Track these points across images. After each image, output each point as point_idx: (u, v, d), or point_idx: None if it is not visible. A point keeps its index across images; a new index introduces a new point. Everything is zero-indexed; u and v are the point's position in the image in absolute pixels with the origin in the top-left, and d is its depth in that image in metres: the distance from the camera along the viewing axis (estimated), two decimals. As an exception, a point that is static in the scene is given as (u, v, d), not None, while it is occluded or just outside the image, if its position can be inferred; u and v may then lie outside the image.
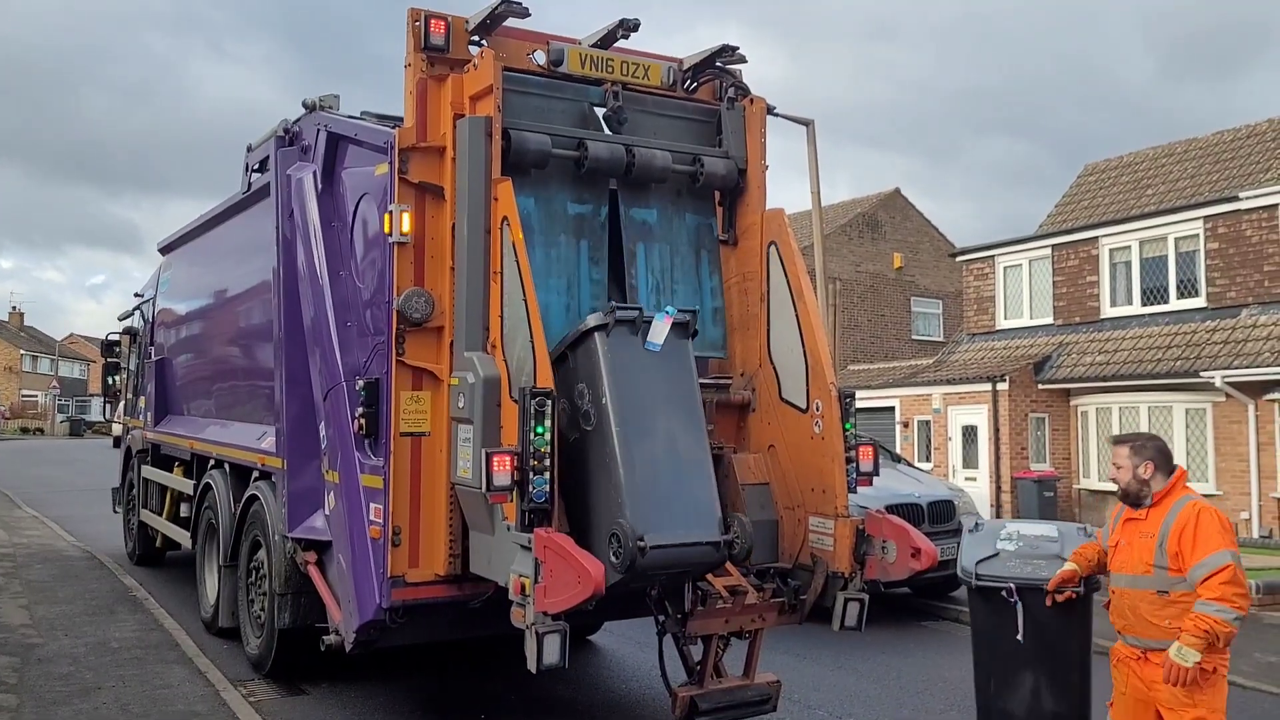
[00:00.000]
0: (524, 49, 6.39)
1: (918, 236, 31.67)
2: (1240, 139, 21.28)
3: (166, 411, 11.33)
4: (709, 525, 5.41)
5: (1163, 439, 5.08)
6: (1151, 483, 4.83)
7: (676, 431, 5.53)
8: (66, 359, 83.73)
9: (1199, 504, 4.72)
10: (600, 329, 5.49)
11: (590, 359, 5.50)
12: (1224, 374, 16.44)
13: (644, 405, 5.47)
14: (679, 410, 5.61)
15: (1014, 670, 5.97)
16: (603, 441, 5.35)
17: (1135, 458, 4.84)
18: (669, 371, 5.62)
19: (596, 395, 5.42)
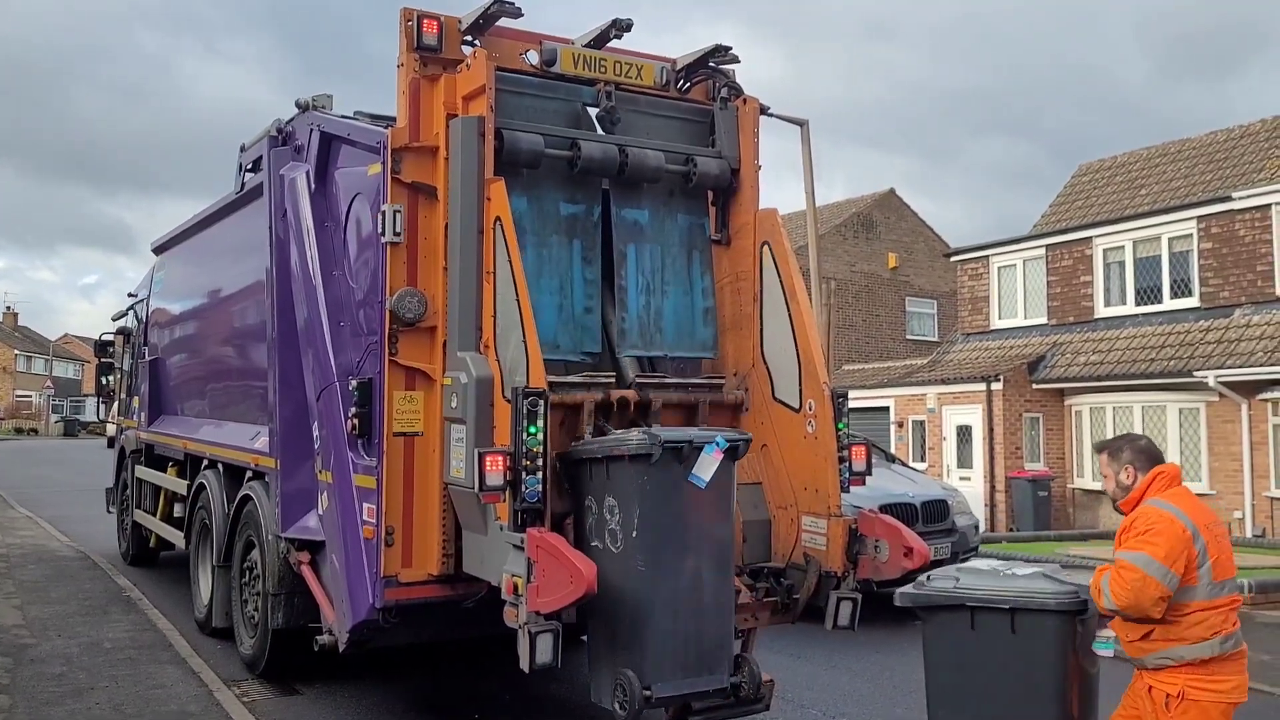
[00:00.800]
0: (517, 49, 6.39)
1: (912, 236, 31.71)
2: (1234, 139, 21.33)
3: (160, 412, 11.32)
4: (719, 671, 5.29)
5: (1144, 438, 4.74)
6: (1135, 486, 4.54)
7: (704, 569, 5.27)
8: (61, 359, 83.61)
9: (1145, 508, 4.34)
10: (644, 457, 5.13)
11: (627, 484, 5.17)
12: (1217, 374, 16.48)
13: (676, 541, 5.19)
14: (711, 545, 5.32)
15: None
16: (625, 573, 5.11)
17: (1114, 463, 4.59)
18: (709, 500, 5.26)
19: (627, 523, 5.13)
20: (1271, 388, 16.22)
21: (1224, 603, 4.21)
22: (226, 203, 9.06)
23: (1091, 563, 12.96)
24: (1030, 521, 18.00)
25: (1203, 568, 4.17)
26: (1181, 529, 4.17)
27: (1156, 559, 4.10)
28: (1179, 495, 4.37)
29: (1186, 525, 4.19)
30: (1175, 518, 4.20)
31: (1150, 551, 4.12)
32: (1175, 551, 4.11)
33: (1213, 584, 4.18)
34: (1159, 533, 4.16)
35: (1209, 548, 4.21)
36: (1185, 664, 4.15)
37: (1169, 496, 4.34)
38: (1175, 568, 4.10)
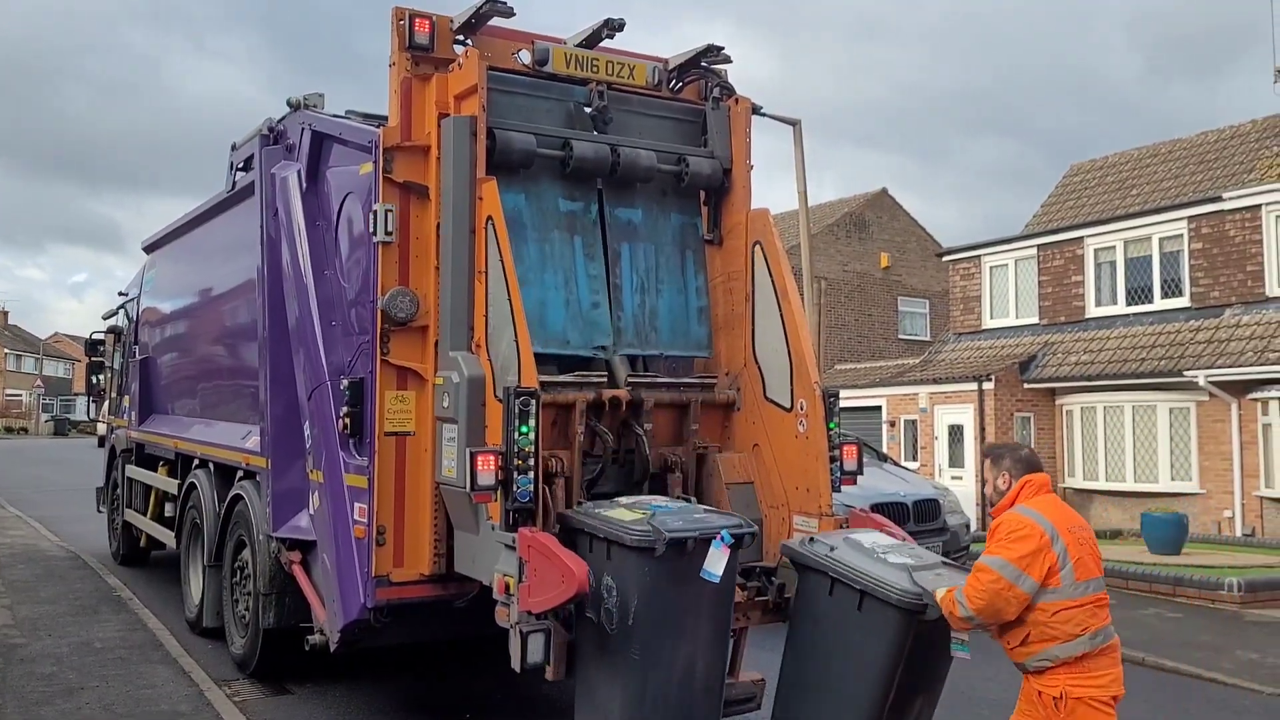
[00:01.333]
0: (509, 48, 6.39)
1: (905, 236, 31.76)
2: (1224, 139, 21.42)
3: (151, 411, 11.29)
4: None
5: (1027, 448, 4.84)
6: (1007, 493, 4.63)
7: (698, 655, 5.11)
8: (51, 358, 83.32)
9: (1008, 514, 4.47)
10: (646, 551, 4.86)
11: (627, 571, 4.93)
12: (1207, 373, 16.55)
13: (672, 627, 5.01)
14: (708, 627, 5.14)
15: None
16: (615, 657, 4.96)
17: (994, 469, 4.68)
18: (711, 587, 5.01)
19: (624, 608, 4.91)
20: (1261, 387, 16.29)
21: (1089, 600, 4.32)
22: (218, 201, 9.03)
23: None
24: (1021, 521, 18.01)
25: (1065, 569, 4.29)
26: (1040, 533, 4.30)
27: (1011, 561, 4.28)
28: (1043, 502, 4.49)
29: (1046, 530, 4.31)
30: (1035, 522, 4.33)
31: (1006, 555, 4.29)
32: (1031, 555, 4.26)
33: (1075, 584, 4.30)
34: (1019, 538, 4.30)
35: (1070, 549, 4.32)
36: (1061, 663, 4.27)
37: (1033, 503, 4.47)
38: (1031, 571, 4.25)
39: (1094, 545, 4.50)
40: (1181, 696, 8.06)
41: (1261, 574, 12.15)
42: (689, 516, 5.17)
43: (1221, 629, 10.23)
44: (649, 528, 4.89)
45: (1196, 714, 7.63)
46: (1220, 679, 8.39)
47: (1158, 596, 11.83)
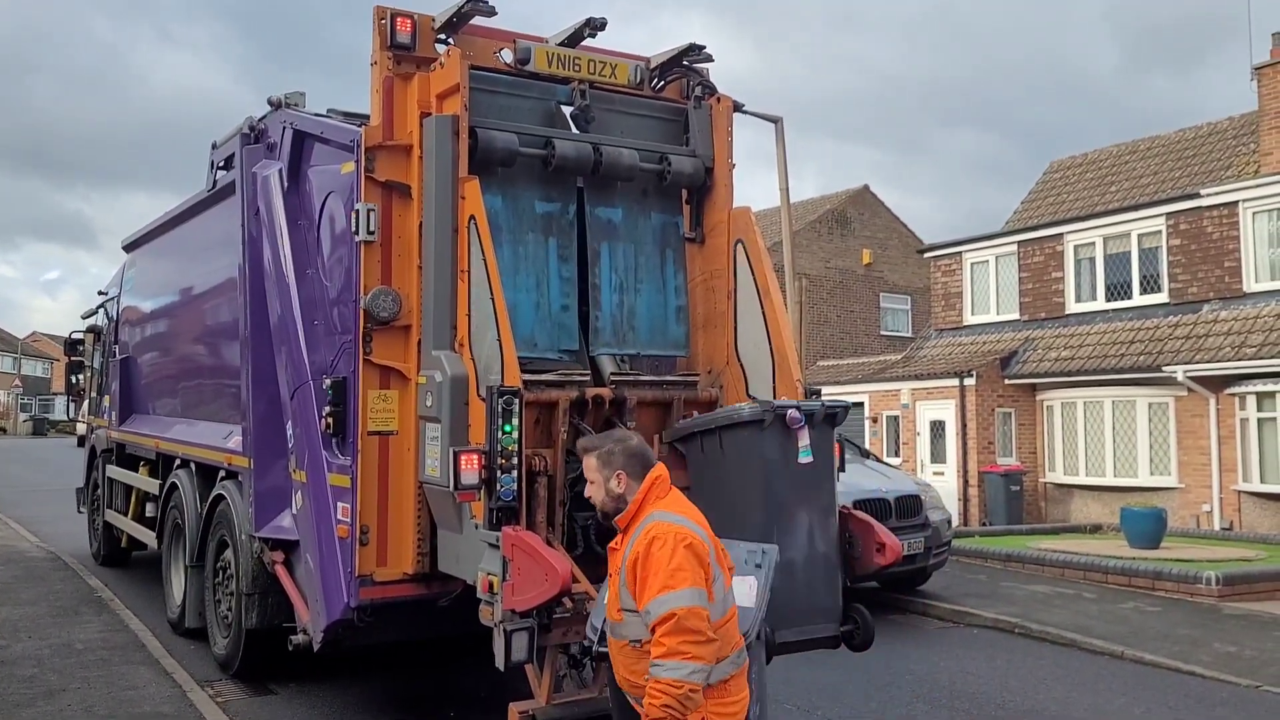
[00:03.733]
0: (491, 47, 6.39)
1: (886, 233, 31.87)
2: (1202, 136, 21.58)
3: (132, 410, 11.23)
4: (831, 621, 5.63)
5: (635, 438, 4.07)
6: (627, 497, 3.89)
7: (815, 528, 5.61)
8: (29, 357, 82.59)
9: (656, 527, 3.68)
10: (757, 423, 5.54)
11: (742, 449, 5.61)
12: (1186, 369, 16.70)
13: (791, 502, 5.55)
14: (819, 508, 5.67)
15: None
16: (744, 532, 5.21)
17: (605, 469, 3.93)
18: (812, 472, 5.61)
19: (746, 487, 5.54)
20: (1239, 382, 16.45)
21: (732, 613, 3.84)
22: (198, 200, 8.99)
23: (1062, 556, 13.12)
24: (1003, 515, 18.17)
25: (717, 581, 3.70)
26: (700, 542, 3.67)
27: (695, 587, 3.56)
28: (679, 502, 3.88)
29: (702, 537, 3.70)
30: (690, 531, 3.67)
31: (690, 583, 3.55)
32: (697, 569, 3.60)
33: (724, 596, 3.77)
34: (684, 557, 3.58)
35: (718, 557, 3.79)
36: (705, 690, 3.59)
37: (671, 505, 3.82)
38: (704, 586, 3.60)
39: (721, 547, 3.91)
40: (1160, 689, 8.14)
41: (1239, 567, 12.27)
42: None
43: (1200, 622, 10.33)
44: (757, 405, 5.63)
45: (1175, 707, 7.71)
46: (1199, 672, 8.48)
47: (1137, 590, 11.93)
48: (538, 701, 5.54)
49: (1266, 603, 11.25)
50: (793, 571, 5.40)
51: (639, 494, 3.83)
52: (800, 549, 5.52)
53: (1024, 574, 13.14)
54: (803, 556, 5.52)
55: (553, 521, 5.81)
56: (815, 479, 5.66)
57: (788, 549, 5.33)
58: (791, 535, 5.48)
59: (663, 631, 3.51)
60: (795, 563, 5.45)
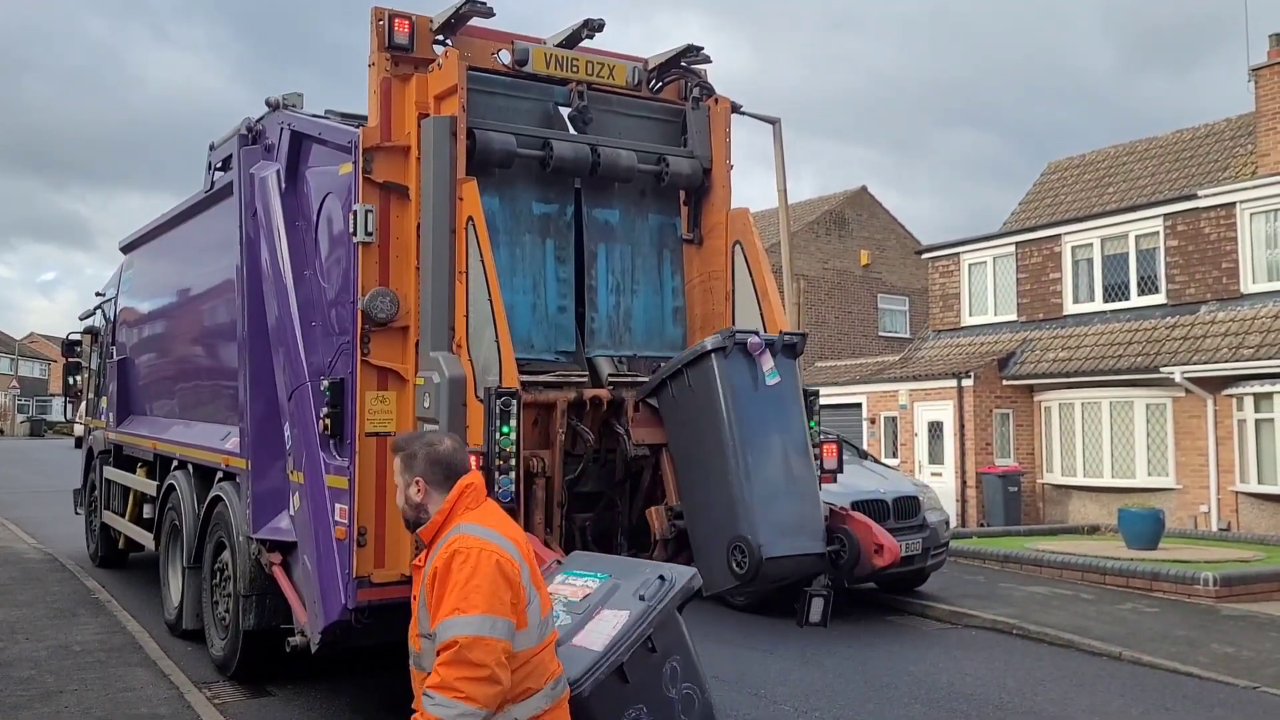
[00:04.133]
0: (489, 48, 6.39)
1: (884, 234, 31.89)
2: (1199, 138, 21.60)
3: (129, 412, 11.22)
4: (817, 539, 5.67)
5: (448, 441, 3.61)
6: (429, 507, 3.46)
7: (790, 452, 5.72)
8: (26, 358, 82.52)
9: (460, 540, 3.25)
10: (719, 350, 5.70)
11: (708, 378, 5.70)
12: (1183, 369, 16.71)
13: (762, 426, 5.67)
14: (791, 431, 5.80)
15: None
16: (722, 458, 5.45)
17: (405, 474, 3.52)
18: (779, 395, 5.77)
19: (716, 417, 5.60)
20: (1236, 383, 16.46)
21: (550, 639, 3.45)
22: (196, 201, 8.99)
23: (1059, 557, 13.13)
24: (1001, 516, 18.18)
25: (532, 605, 3.32)
26: (509, 561, 3.24)
27: (491, 614, 3.13)
28: (493, 514, 3.47)
29: (513, 555, 3.28)
30: (499, 548, 3.25)
31: (484, 608, 3.13)
32: (502, 592, 3.17)
33: (541, 621, 3.37)
34: (483, 574, 3.15)
35: (534, 578, 3.39)
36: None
37: (484, 517, 3.40)
38: (507, 613, 3.18)
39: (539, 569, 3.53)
40: (1158, 690, 8.14)
41: (1237, 568, 12.27)
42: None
43: (1198, 623, 10.34)
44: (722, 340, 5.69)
45: (1173, 708, 7.71)
46: (1197, 673, 8.48)
47: (1134, 591, 11.94)
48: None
49: (1264, 603, 11.26)
50: (773, 492, 5.53)
51: (446, 504, 3.40)
52: (777, 469, 5.63)
53: (1022, 575, 13.15)
54: (781, 477, 5.64)
55: (550, 523, 5.81)
56: (783, 402, 5.78)
57: (765, 469, 5.50)
58: (766, 456, 5.61)
59: (441, 660, 3.09)
60: (775, 482, 5.58)
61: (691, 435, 5.75)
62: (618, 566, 4.82)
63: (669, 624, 4.39)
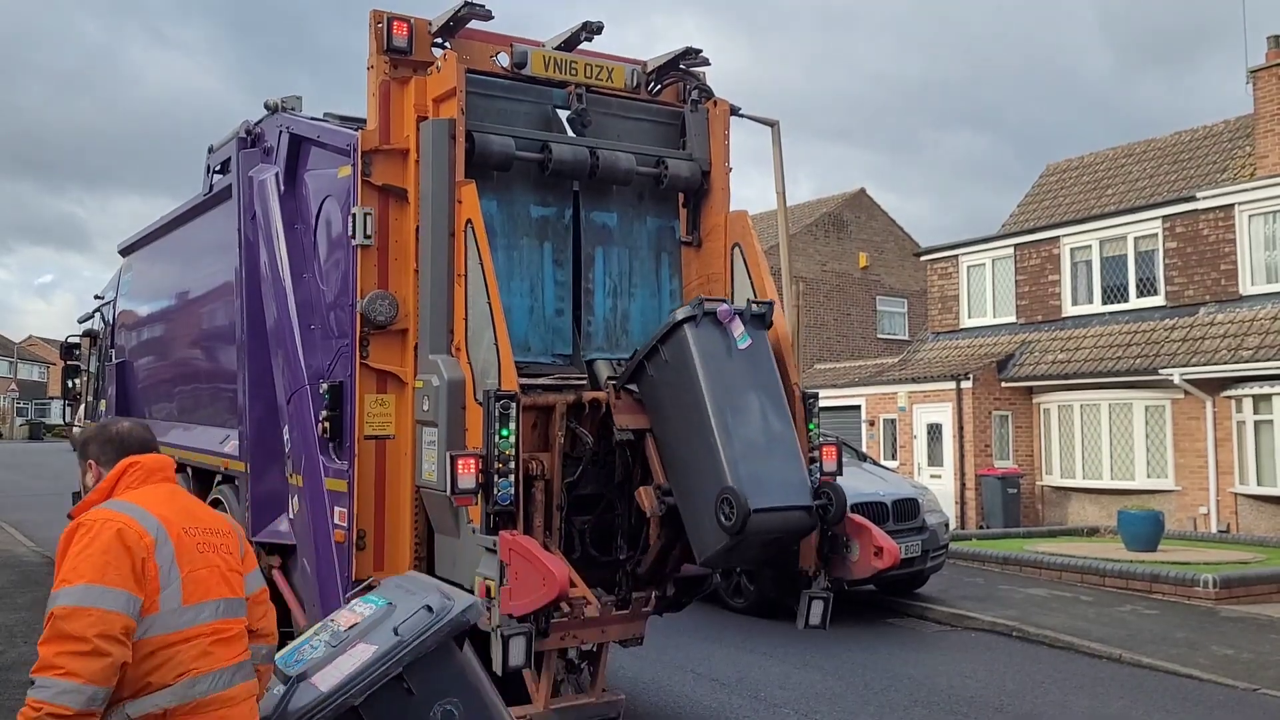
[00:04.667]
0: (487, 51, 6.38)
1: (883, 236, 31.91)
2: (1197, 140, 21.62)
3: (127, 415, 11.20)
4: (802, 493, 5.65)
5: (128, 422, 3.44)
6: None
7: (768, 410, 5.76)
8: (25, 361, 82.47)
9: (91, 514, 3.04)
10: (690, 320, 5.74)
11: (682, 348, 5.73)
12: (1182, 371, 16.71)
13: (738, 387, 5.69)
14: (767, 391, 5.85)
15: None
16: (701, 421, 5.51)
17: (81, 461, 3.35)
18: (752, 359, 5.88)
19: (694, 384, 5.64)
20: (1235, 385, 16.47)
21: (196, 633, 3.07)
22: (194, 204, 8.98)
23: (1059, 559, 13.13)
24: (1000, 518, 18.18)
25: (169, 589, 3.01)
26: (136, 531, 2.98)
27: (99, 583, 2.87)
28: (156, 493, 3.19)
29: (147, 528, 3.01)
30: (129, 518, 3.00)
31: (90, 578, 2.87)
32: (118, 562, 2.90)
33: (181, 609, 3.04)
34: (99, 544, 2.91)
35: (181, 559, 3.07)
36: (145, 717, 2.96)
37: (141, 496, 3.14)
38: (124, 585, 2.89)
39: (228, 557, 3.24)
40: (1158, 692, 8.14)
41: (1236, 570, 12.27)
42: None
43: (1197, 625, 10.33)
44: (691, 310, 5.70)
45: (1173, 710, 7.70)
46: (1197, 675, 8.48)
47: (1134, 593, 11.94)
48: (535, 706, 5.54)
49: (1264, 605, 11.26)
50: (756, 450, 5.56)
51: (105, 482, 3.16)
52: (757, 428, 5.65)
53: (1021, 577, 13.15)
54: (762, 436, 5.65)
55: (550, 526, 5.80)
56: (757, 365, 5.84)
57: (746, 428, 5.56)
58: (746, 416, 5.64)
59: (41, 639, 2.85)
60: (757, 441, 5.60)
61: (672, 408, 5.77)
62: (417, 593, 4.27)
63: (443, 662, 3.92)
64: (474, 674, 4.09)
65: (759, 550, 5.64)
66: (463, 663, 4.05)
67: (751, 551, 5.59)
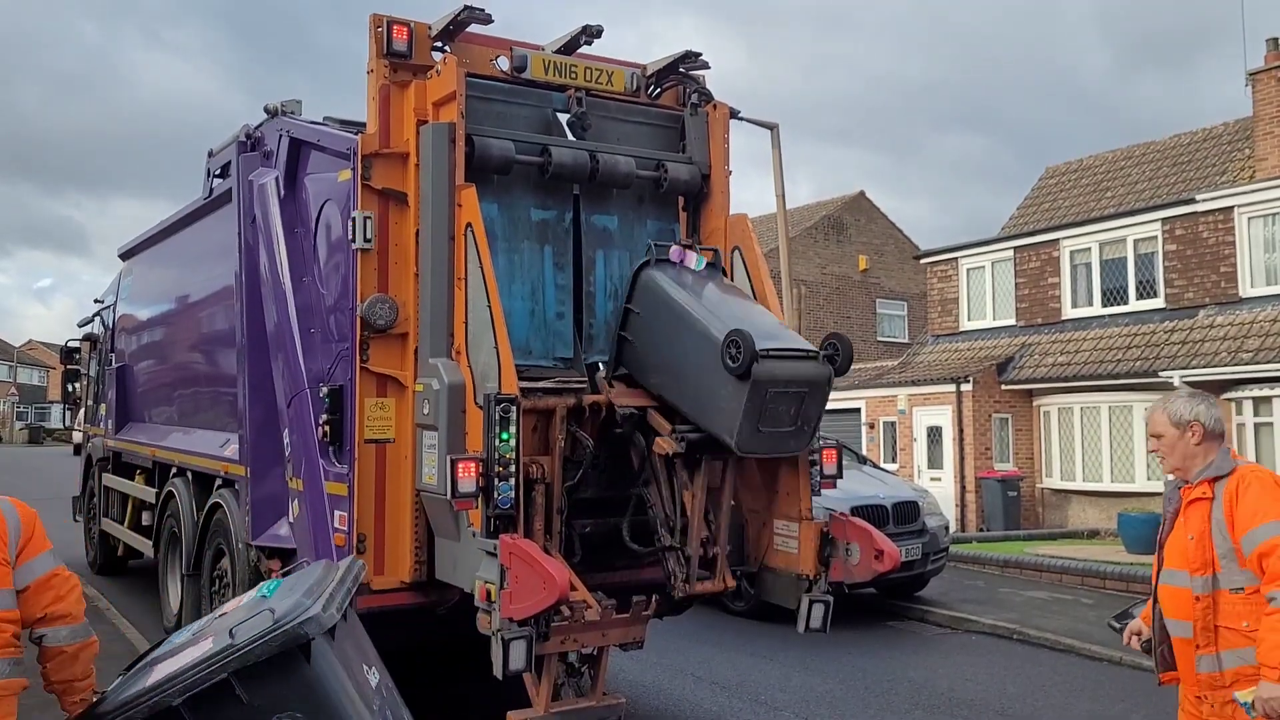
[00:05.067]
0: (487, 55, 6.39)
1: (882, 239, 31.93)
2: (1197, 142, 21.63)
3: (128, 419, 11.21)
4: (804, 343, 5.93)
5: None
6: None
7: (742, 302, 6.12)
8: (25, 365, 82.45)
9: None
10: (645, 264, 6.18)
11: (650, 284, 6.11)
12: (1182, 373, 16.70)
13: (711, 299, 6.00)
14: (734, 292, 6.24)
15: None
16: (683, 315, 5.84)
17: None
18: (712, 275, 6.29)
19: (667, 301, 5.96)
20: (1235, 387, 16.46)
21: None
22: (195, 208, 8.99)
23: (1059, 561, 13.12)
24: (1000, 521, 18.17)
25: None
26: None
27: None
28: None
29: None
30: None
31: None
32: None
33: None
34: None
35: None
36: None
37: None
38: None
39: None
40: (1159, 696, 8.11)
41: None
42: None
43: (1198, 627, 10.31)
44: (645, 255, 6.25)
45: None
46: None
47: (1135, 595, 11.92)
48: (536, 710, 5.52)
49: (1264, 608, 11.24)
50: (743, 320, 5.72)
51: None
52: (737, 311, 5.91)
53: (1022, 579, 13.14)
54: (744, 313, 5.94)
55: (550, 529, 5.80)
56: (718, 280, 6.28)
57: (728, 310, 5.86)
58: (724, 305, 5.93)
59: None
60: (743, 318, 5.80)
61: (659, 334, 6.02)
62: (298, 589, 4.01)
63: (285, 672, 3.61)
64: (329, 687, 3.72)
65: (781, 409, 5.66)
66: (314, 676, 3.69)
67: (774, 411, 5.62)
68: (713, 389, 5.61)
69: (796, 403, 5.70)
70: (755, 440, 5.63)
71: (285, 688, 3.64)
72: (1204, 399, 4.04)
